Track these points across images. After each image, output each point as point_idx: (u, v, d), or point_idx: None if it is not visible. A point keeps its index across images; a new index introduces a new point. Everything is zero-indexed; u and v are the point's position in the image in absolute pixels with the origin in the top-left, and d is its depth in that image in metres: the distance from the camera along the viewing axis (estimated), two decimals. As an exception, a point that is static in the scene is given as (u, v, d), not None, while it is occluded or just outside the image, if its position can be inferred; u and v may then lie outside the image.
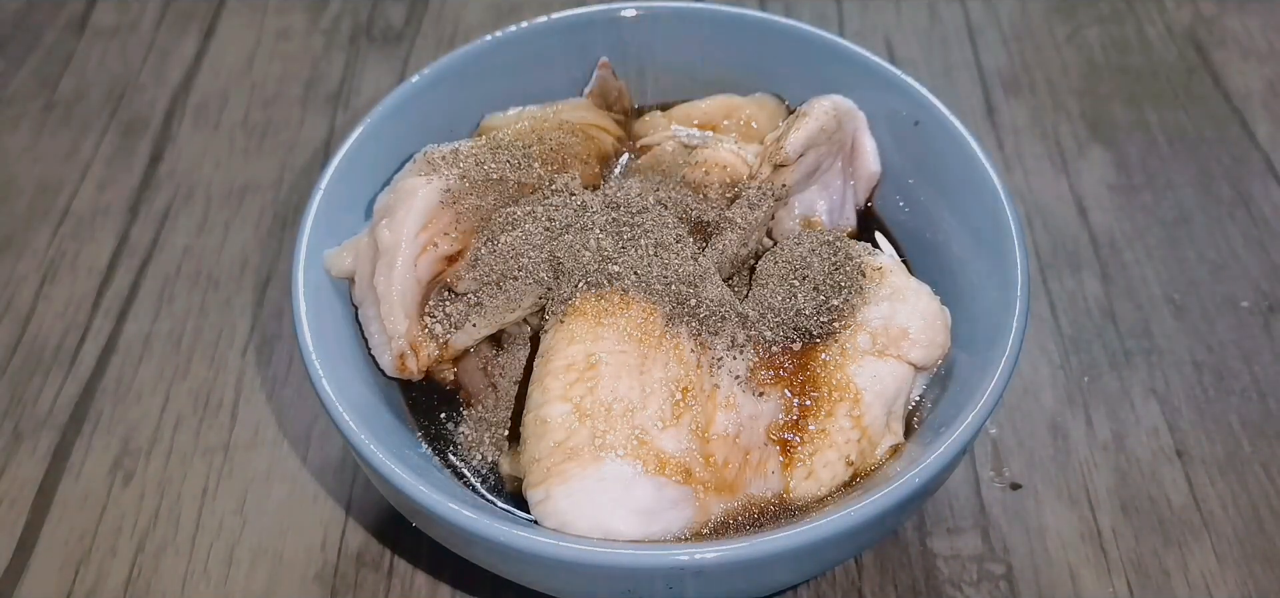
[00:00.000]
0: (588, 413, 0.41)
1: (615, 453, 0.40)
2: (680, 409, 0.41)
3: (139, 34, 0.82)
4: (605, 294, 0.43)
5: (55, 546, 0.54)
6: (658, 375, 0.41)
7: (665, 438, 0.40)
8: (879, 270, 0.46)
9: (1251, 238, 0.67)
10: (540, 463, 0.41)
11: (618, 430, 0.40)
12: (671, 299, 0.43)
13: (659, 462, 0.40)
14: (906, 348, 0.44)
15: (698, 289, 0.44)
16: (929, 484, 0.40)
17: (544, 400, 0.42)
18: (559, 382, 0.41)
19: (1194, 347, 0.61)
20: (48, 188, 0.71)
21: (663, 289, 0.44)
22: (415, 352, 0.46)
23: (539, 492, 0.41)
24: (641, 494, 0.40)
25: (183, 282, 0.65)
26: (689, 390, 0.41)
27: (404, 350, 0.46)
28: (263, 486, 0.56)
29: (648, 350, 0.42)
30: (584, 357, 0.42)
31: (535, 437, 0.41)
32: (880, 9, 0.84)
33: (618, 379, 0.41)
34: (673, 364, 0.42)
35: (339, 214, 0.49)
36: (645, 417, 0.41)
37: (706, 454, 0.41)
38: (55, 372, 0.61)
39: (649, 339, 0.42)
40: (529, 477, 0.41)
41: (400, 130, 0.53)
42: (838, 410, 0.43)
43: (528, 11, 0.84)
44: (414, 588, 0.52)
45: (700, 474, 0.41)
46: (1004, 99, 0.77)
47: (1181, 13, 0.83)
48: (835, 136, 0.52)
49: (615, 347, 0.42)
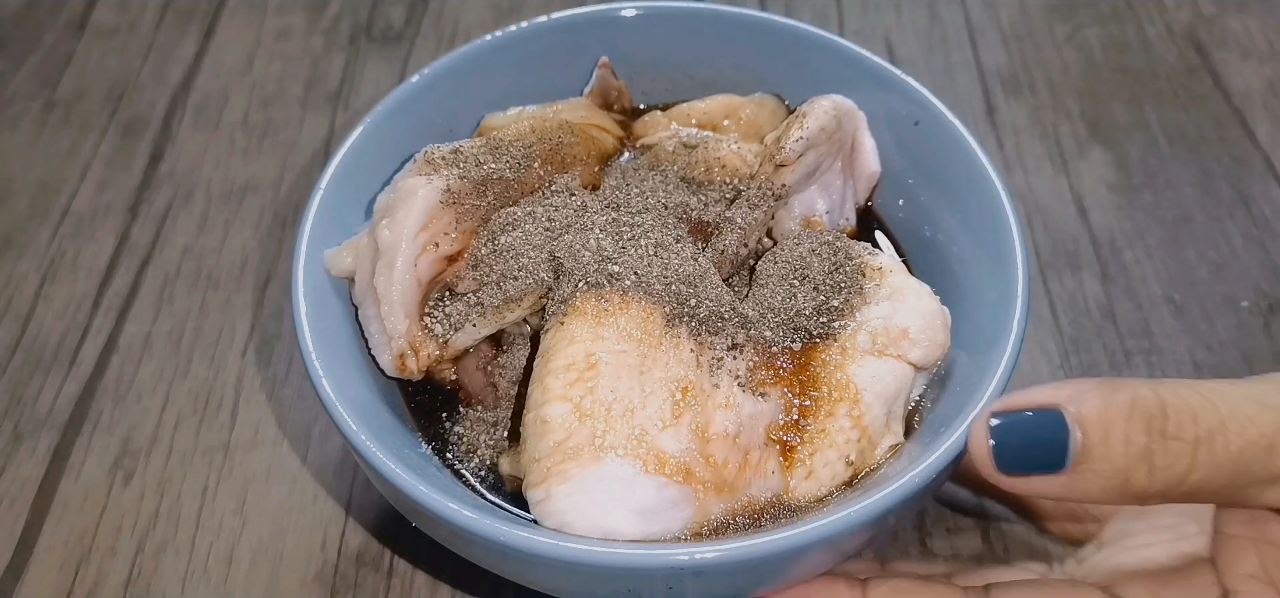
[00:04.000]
0: (588, 413, 0.40)
1: (616, 453, 0.40)
2: (680, 409, 0.41)
3: (139, 34, 0.82)
4: (605, 294, 0.43)
5: (55, 546, 0.54)
6: (658, 375, 0.41)
7: (665, 438, 0.40)
8: (879, 270, 0.46)
9: (1251, 238, 0.67)
10: (540, 463, 0.41)
11: (618, 430, 0.40)
12: (672, 299, 0.43)
13: (659, 461, 0.40)
14: (906, 347, 0.44)
15: (698, 289, 0.44)
16: (929, 484, 0.40)
17: (544, 400, 0.42)
18: (559, 381, 0.41)
19: (1194, 347, 0.61)
20: (48, 188, 0.71)
21: (663, 289, 0.44)
22: (415, 352, 0.46)
23: (539, 492, 0.41)
24: (642, 494, 0.40)
25: (183, 281, 0.65)
26: (689, 391, 0.41)
27: (404, 350, 0.46)
28: (262, 485, 0.56)
29: (648, 350, 0.42)
30: (584, 356, 0.42)
31: (535, 436, 0.41)
32: (880, 9, 0.84)
33: (618, 379, 0.41)
34: (673, 364, 0.42)
35: (339, 214, 0.49)
36: (645, 417, 0.41)
37: (707, 455, 0.41)
38: (55, 372, 0.61)
39: (649, 339, 0.42)
40: (529, 477, 0.41)
41: (400, 130, 0.53)
42: (838, 410, 0.43)
43: (528, 11, 0.84)
44: (414, 588, 0.52)
45: (701, 474, 0.41)
46: (1004, 99, 0.77)
47: (1181, 13, 0.83)
48: (835, 136, 0.52)
49: (615, 347, 0.42)
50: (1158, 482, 0.36)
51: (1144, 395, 0.36)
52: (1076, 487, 0.37)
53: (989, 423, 0.38)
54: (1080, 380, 0.37)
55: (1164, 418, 0.36)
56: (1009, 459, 0.37)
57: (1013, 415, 0.37)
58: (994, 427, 0.37)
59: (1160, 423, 0.36)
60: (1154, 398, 0.36)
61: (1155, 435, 0.36)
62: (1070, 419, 0.36)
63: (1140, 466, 0.36)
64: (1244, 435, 0.36)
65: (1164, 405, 0.36)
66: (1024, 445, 0.37)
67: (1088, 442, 0.36)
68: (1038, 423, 0.37)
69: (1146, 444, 0.36)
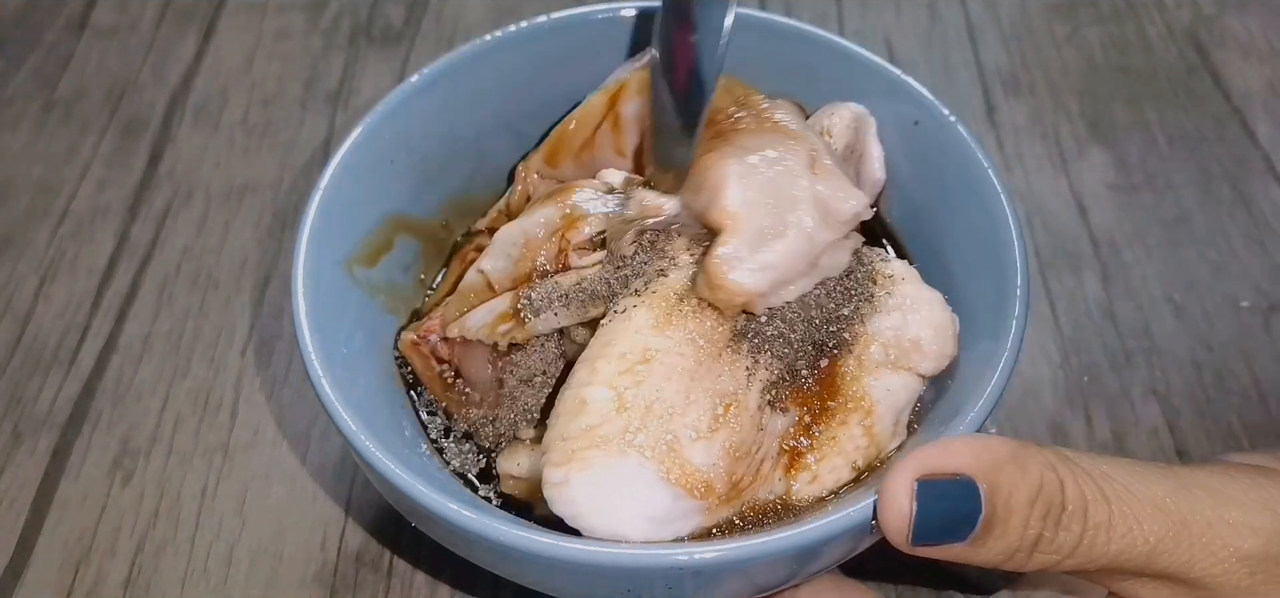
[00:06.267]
0: (628, 405, 0.40)
1: (642, 453, 0.39)
2: (718, 424, 0.40)
3: (139, 34, 0.82)
4: (685, 294, 0.43)
5: (55, 546, 0.54)
6: (706, 385, 0.41)
7: (696, 450, 0.40)
8: (891, 278, 0.46)
9: (1251, 238, 0.67)
10: (567, 442, 0.40)
11: (651, 431, 0.40)
12: (744, 315, 0.43)
13: (683, 472, 0.40)
14: (917, 360, 0.44)
15: (778, 313, 0.43)
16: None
17: (590, 380, 0.41)
18: (611, 367, 0.41)
19: (1194, 347, 0.61)
20: (47, 188, 0.71)
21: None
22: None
23: (558, 472, 0.40)
24: (658, 502, 0.39)
25: (182, 281, 0.65)
26: (732, 407, 0.41)
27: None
28: (262, 485, 0.56)
29: (705, 359, 0.41)
30: (642, 350, 0.41)
31: (569, 414, 0.41)
32: (880, 9, 0.84)
33: (667, 380, 0.40)
34: (725, 378, 0.41)
35: (339, 214, 0.49)
36: (682, 424, 0.40)
37: (729, 471, 0.41)
38: (55, 372, 0.61)
39: (711, 348, 0.42)
40: (551, 454, 0.40)
41: (400, 130, 0.53)
42: (851, 420, 0.43)
43: (527, 11, 0.84)
44: (414, 588, 0.52)
45: (719, 489, 0.40)
46: (1004, 99, 0.77)
47: (1181, 13, 0.83)
48: (852, 145, 0.52)
49: (676, 349, 0.41)
50: (1036, 563, 0.37)
51: (1049, 482, 0.36)
52: (967, 556, 0.37)
53: (912, 490, 0.36)
54: (993, 442, 0.37)
55: (1061, 508, 0.37)
56: (926, 532, 0.37)
57: (934, 485, 0.36)
58: (918, 495, 0.36)
59: (1057, 513, 0.37)
60: (1056, 484, 0.37)
61: (1049, 523, 0.37)
62: (982, 494, 0.36)
63: (1028, 547, 0.37)
64: (1127, 537, 0.37)
65: (1063, 495, 0.37)
66: (941, 519, 0.36)
67: (992, 518, 0.36)
68: (955, 496, 0.36)
69: (1040, 533, 0.37)
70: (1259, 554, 0.37)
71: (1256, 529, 0.37)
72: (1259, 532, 0.37)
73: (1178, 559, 0.37)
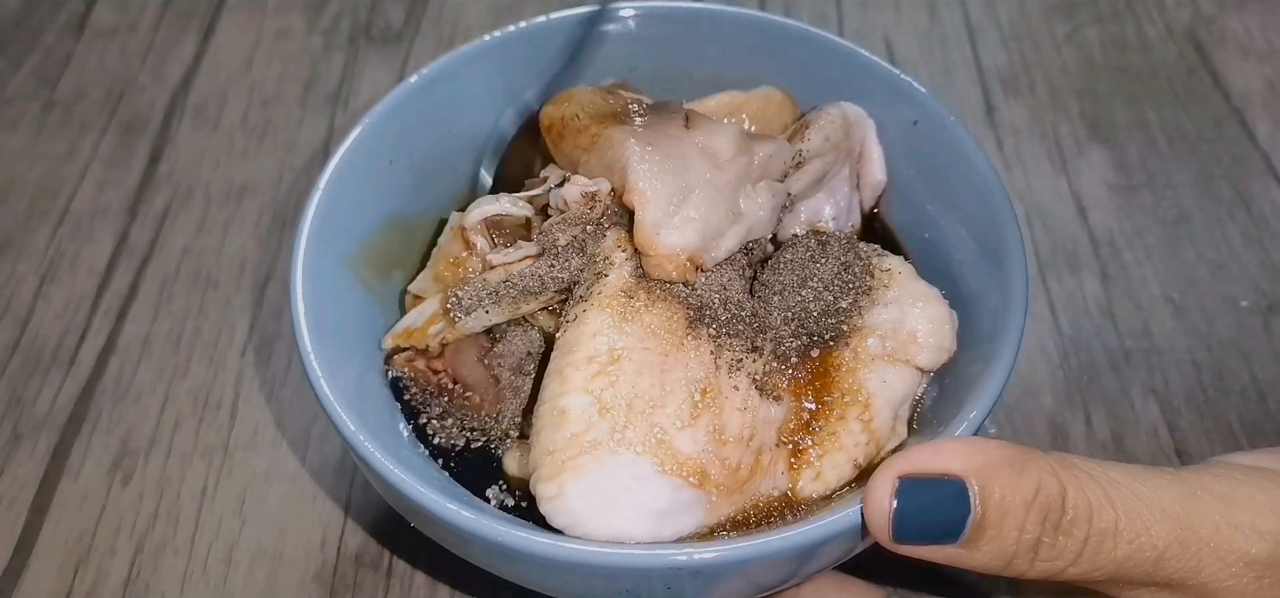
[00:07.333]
0: (609, 407, 0.40)
1: (634, 450, 0.39)
2: (699, 410, 0.41)
3: (138, 34, 0.82)
4: (632, 291, 0.43)
5: (54, 546, 0.54)
6: (678, 376, 0.41)
7: (683, 438, 0.40)
8: (888, 272, 0.46)
9: (1251, 238, 0.67)
10: (554, 455, 0.40)
11: (637, 427, 0.40)
12: (695, 301, 0.43)
13: (677, 462, 0.40)
14: (914, 352, 0.44)
15: (721, 292, 0.44)
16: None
17: (563, 390, 0.41)
18: (581, 374, 0.41)
19: (1194, 346, 0.61)
20: (47, 188, 0.71)
21: (687, 291, 0.44)
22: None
23: (551, 487, 0.40)
24: (657, 495, 0.39)
25: (182, 282, 0.65)
26: (708, 392, 0.41)
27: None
28: (262, 486, 0.56)
29: (669, 350, 0.42)
30: (608, 350, 0.41)
31: (551, 427, 0.41)
32: (880, 9, 0.84)
33: (640, 375, 0.41)
34: (693, 365, 0.42)
35: (338, 214, 0.49)
36: (665, 415, 0.40)
37: (722, 457, 0.41)
38: (54, 372, 0.61)
39: (671, 339, 0.42)
40: (541, 470, 0.40)
41: (399, 130, 0.53)
42: (849, 414, 0.43)
43: (527, 11, 0.84)
44: (413, 588, 0.52)
45: (716, 477, 0.40)
46: (1004, 99, 0.77)
47: (1181, 13, 0.83)
48: (842, 145, 0.52)
49: (639, 344, 0.41)
50: (1038, 570, 0.37)
51: (1048, 485, 0.36)
52: (960, 559, 0.37)
53: (894, 486, 0.36)
54: (989, 445, 0.37)
55: (1061, 512, 0.36)
56: (907, 530, 0.36)
57: (918, 482, 0.36)
58: (899, 491, 0.36)
59: (1056, 517, 0.36)
60: (1057, 488, 0.36)
61: (1048, 527, 0.36)
62: (972, 496, 0.36)
63: (1027, 553, 0.36)
64: (1134, 543, 0.36)
65: (1064, 498, 0.36)
66: (925, 517, 0.36)
67: (984, 521, 0.36)
68: (941, 496, 0.36)
69: (1038, 536, 0.36)
70: (1267, 559, 0.37)
71: (1264, 534, 0.37)
72: (1267, 536, 0.37)
73: (1185, 565, 0.36)
